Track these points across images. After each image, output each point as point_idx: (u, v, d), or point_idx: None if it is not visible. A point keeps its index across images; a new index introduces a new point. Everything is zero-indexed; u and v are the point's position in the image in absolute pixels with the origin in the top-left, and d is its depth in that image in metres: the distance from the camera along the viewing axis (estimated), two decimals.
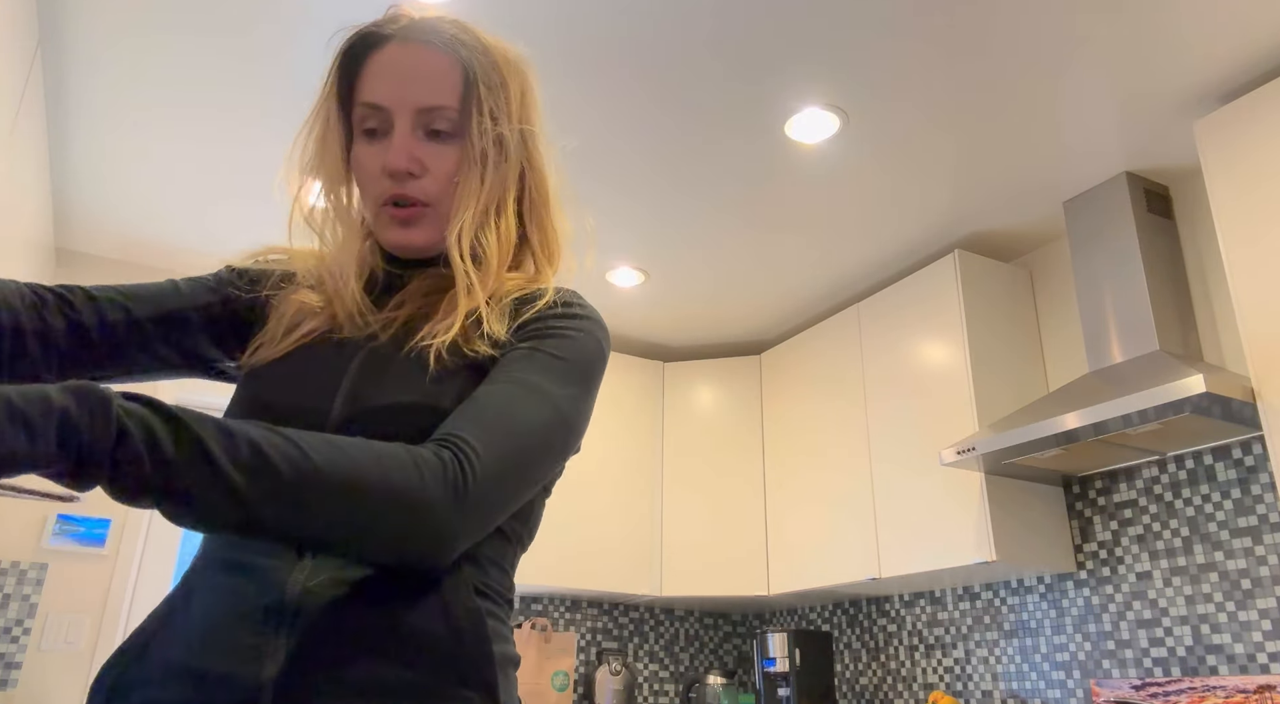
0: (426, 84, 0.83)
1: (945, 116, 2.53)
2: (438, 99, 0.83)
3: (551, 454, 0.76)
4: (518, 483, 0.72)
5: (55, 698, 2.96)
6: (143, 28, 2.26)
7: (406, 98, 0.83)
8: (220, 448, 0.58)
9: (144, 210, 3.12)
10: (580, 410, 0.80)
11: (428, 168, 0.84)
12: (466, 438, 0.69)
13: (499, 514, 0.71)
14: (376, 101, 0.84)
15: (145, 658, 0.69)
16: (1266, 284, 2.17)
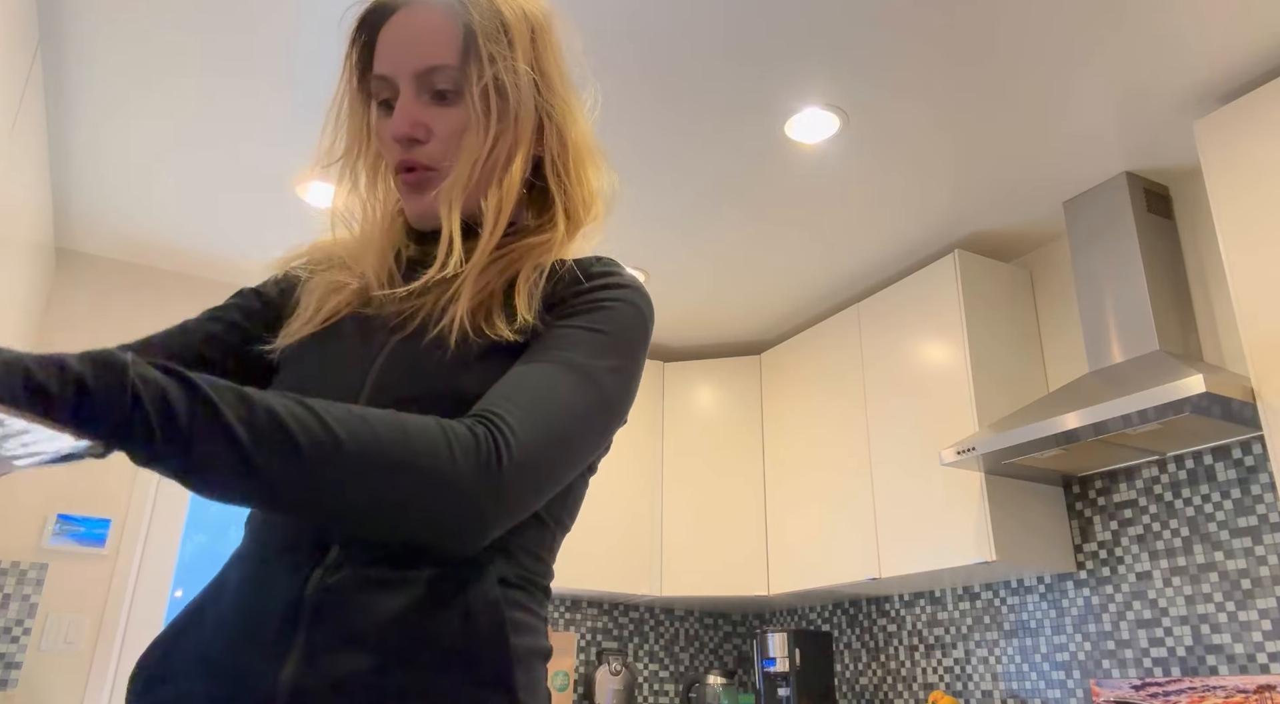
0: (424, 45, 0.81)
1: (945, 116, 2.53)
2: (436, 58, 0.81)
3: (593, 434, 0.73)
4: (557, 464, 0.69)
5: (55, 698, 2.96)
6: (143, 27, 2.26)
7: (405, 62, 0.81)
8: (235, 415, 0.56)
9: (144, 210, 3.11)
10: (624, 386, 0.77)
11: (433, 131, 0.82)
12: (503, 415, 0.66)
13: (536, 497, 0.68)
14: (382, 72, 0.83)
15: (177, 651, 0.70)
16: (1266, 284, 2.17)
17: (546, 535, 0.79)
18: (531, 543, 0.76)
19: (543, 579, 0.79)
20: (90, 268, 3.38)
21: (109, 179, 2.93)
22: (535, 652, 0.73)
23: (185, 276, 3.55)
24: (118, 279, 3.42)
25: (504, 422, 0.66)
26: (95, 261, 3.40)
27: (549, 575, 0.80)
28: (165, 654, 0.70)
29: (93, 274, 3.38)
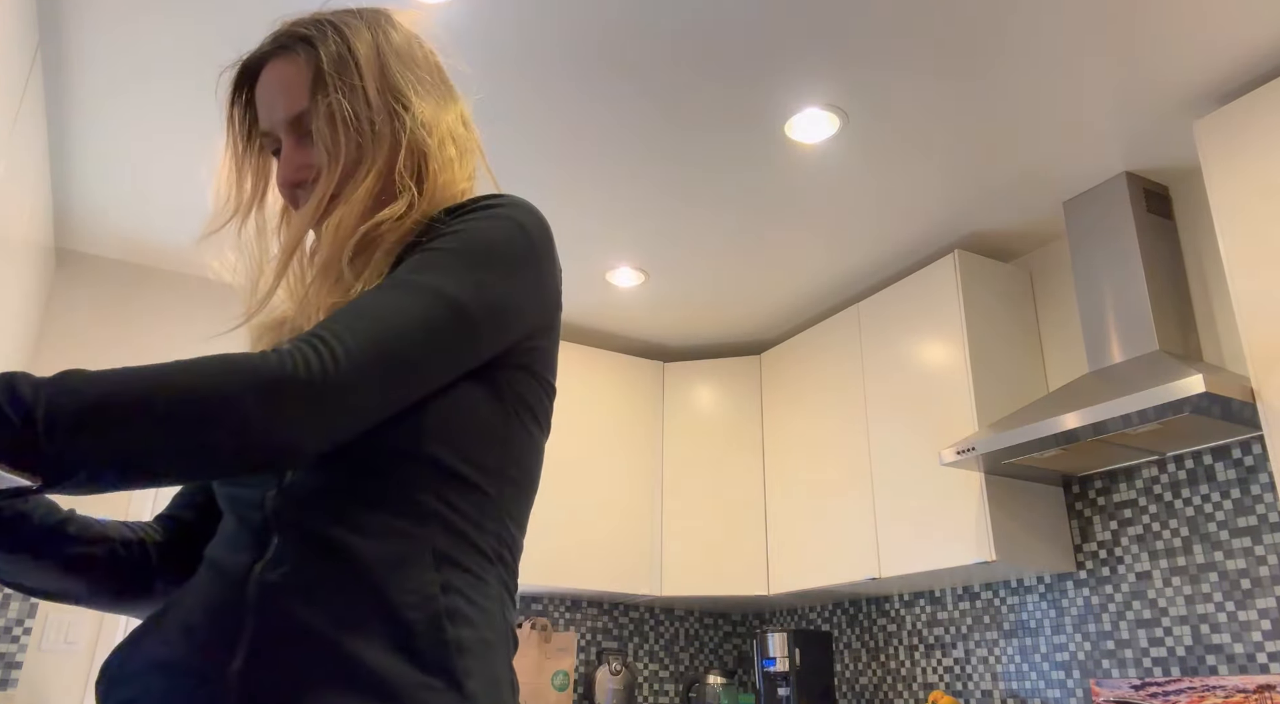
0: (285, 94, 0.86)
1: (945, 116, 2.53)
2: (294, 105, 0.85)
3: (435, 342, 0.70)
4: (387, 371, 0.67)
5: (55, 698, 2.96)
6: (143, 27, 2.26)
7: (275, 117, 0.86)
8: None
9: (144, 210, 3.11)
10: (486, 297, 0.73)
11: (312, 166, 0.86)
12: (321, 332, 0.67)
13: (365, 405, 0.66)
14: (264, 128, 0.88)
15: (136, 652, 0.71)
16: (1266, 284, 2.17)
17: (484, 499, 0.75)
18: (470, 509, 0.74)
19: (499, 548, 0.76)
20: (90, 268, 3.38)
21: (109, 179, 2.93)
22: (485, 640, 0.71)
23: (185, 277, 3.55)
24: (118, 279, 3.42)
25: (321, 340, 0.66)
26: (95, 261, 3.40)
27: (507, 543, 0.77)
28: (127, 656, 0.72)
29: (93, 274, 3.38)
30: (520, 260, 0.77)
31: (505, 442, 0.78)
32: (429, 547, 0.71)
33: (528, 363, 0.81)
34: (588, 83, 2.42)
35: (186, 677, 0.66)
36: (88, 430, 0.57)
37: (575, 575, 3.59)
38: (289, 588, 0.67)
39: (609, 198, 2.98)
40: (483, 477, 0.75)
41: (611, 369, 3.96)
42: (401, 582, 0.68)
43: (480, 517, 0.75)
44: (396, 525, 0.70)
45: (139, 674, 0.69)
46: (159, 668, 0.68)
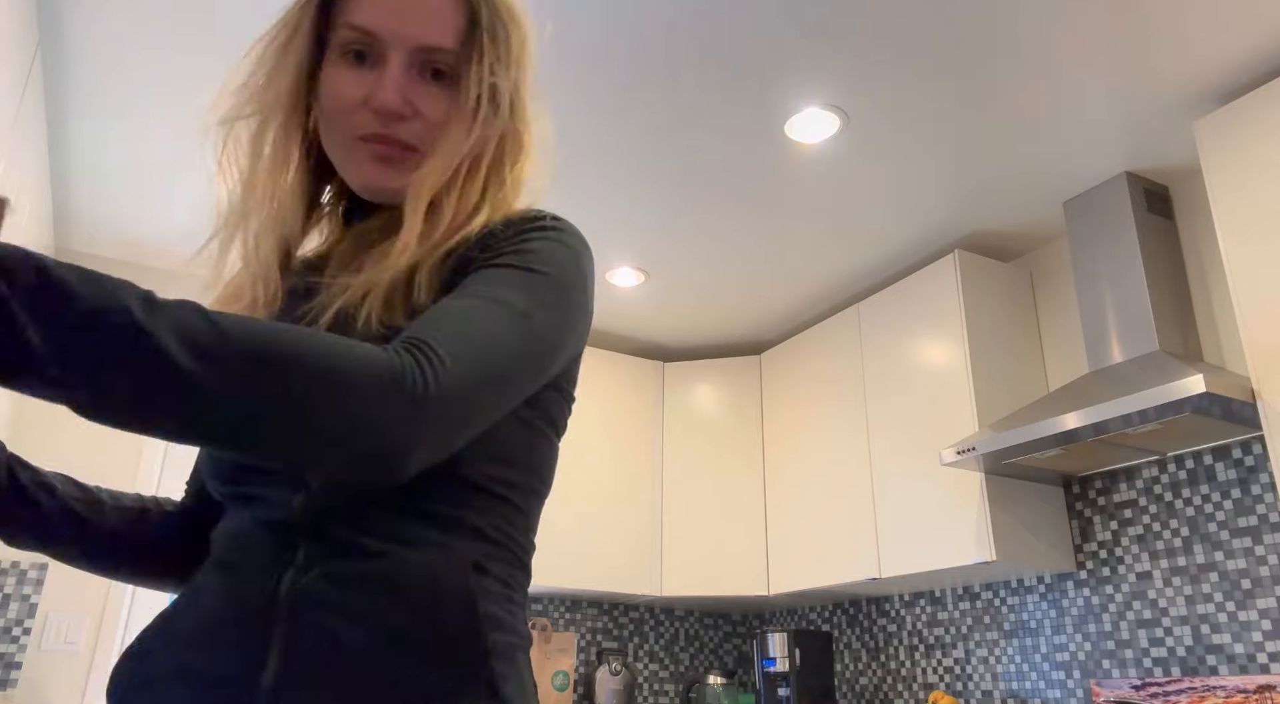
0: (429, 21, 0.77)
1: (945, 116, 2.53)
2: (438, 39, 0.77)
3: (524, 370, 0.68)
4: (488, 397, 0.65)
5: (55, 698, 2.96)
6: (143, 27, 2.26)
7: (405, 31, 0.77)
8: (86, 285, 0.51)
9: (144, 210, 3.11)
10: (555, 324, 0.72)
11: (419, 111, 0.78)
12: (430, 342, 0.62)
13: (465, 427, 0.64)
14: (370, 28, 0.77)
15: (150, 660, 0.69)
16: (1266, 284, 2.17)
17: (512, 509, 0.75)
18: (500, 521, 0.73)
19: (523, 555, 0.76)
20: (90, 268, 3.38)
21: (109, 179, 2.93)
22: (513, 645, 0.71)
23: (185, 276, 3.55)
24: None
25: (431, 350, 0.62)
26: (95, 262, 3.40)
27: (529, 550, 0.77)
28: (141, 663, 0.69)
29: None
30: (577, 289, 0.76)
31: (532, 457, 0.77)
32: (465, 557, 0.69)
33: (560, 382, 0.81)
34: (587, 82, 2.42)
35: (214, 687, 0.63)
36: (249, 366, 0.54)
37: (575, 575, 3.59)
38: (322, 598, 0.65)
39: (609, 197, 2.98)
40: (512, 491, 0.75)
41: (611, 369, 3.96)
42: (439, 591, 0.67)
43: (509, 527, 0.74)
44: (431, 537, 0.69)
45: (158, 682, 0.66)
46: (180, 676, 0.65)
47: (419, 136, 0.78)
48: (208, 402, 0.53)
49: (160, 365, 0.51)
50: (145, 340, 0.51)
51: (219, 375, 0.53)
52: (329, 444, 0.57)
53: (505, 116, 0.81)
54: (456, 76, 0.79)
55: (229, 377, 0.53)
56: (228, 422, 0.54)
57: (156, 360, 0.51)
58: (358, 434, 0.57)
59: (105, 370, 0.50)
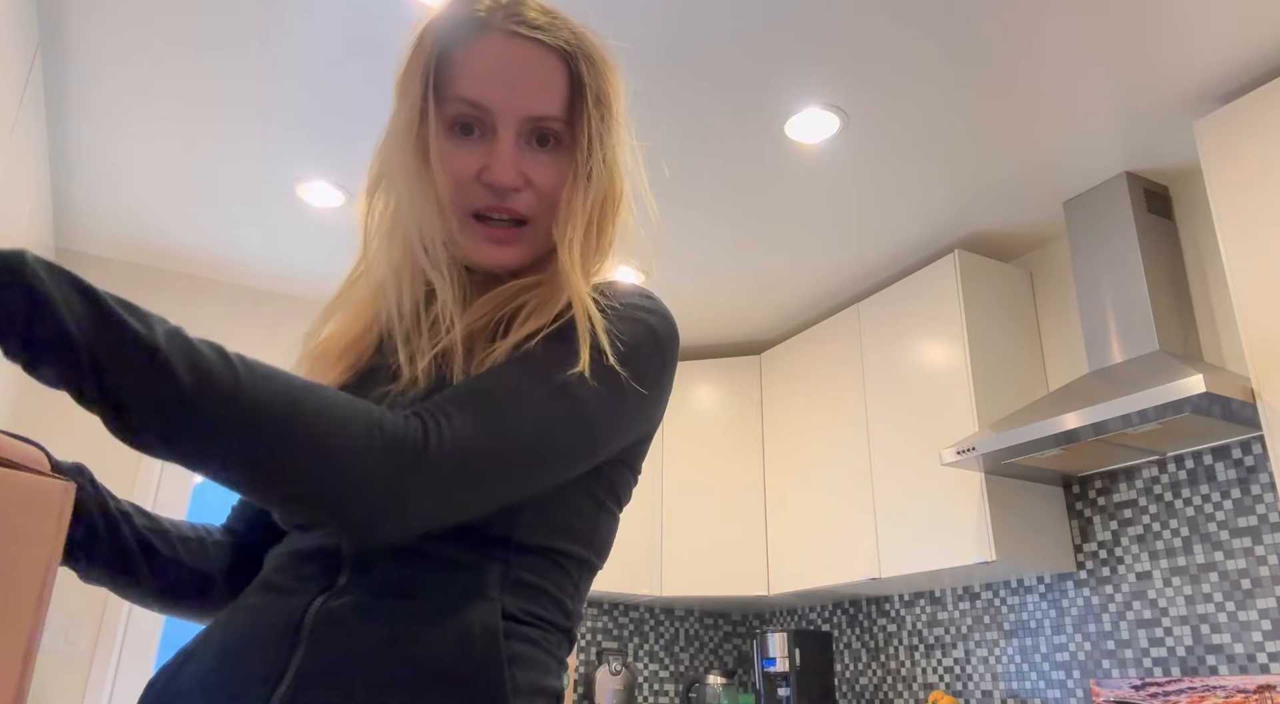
0: (537, 90, 0.77)
1: (945, 116, 2.53)
2: (546, 107, 0.78)
3: (556, 447, 0.67)
4: (497, 467, 0.64)
5: (55, 698, 2.96)
6: (143, 28, 2.26)
7: (515, 103, 0.76)
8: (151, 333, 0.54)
9: (144, 210, 3.12)
10: (614, 406, 0.70)
11: (530, 181, 0.78)
12: (442, 408, 0.63)
13: (469, 500, 0.64)
14: (480, 101, 0.76)
15: (181, 675, 0.69)
16: (1266, 284, 2.17)
17: (564, 576, 0.73)
18: (545, 581, 0.72)
19: (562, 621, 0.74)
20: (90, 268, 3.38)
21: (109, 179, 2.93)
22: (540, 688, 0.68)
23: (185, 276, 3.55)
24: (118, 279, 3.42)
25: (441, 414, 0.63)
26: (95, 261, 3.40)
27: (572, 618, 0.75)
28: (170, 679, 0.70)
29: (93, 274, 3.38)
30: (650, 375, 0.74)
31: (593, 531, 0.77)
32: (497, 598, 0.68)
33: (629, 460, 0.79)
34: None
35: (228, 702, 0.64)
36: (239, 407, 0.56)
37: None
38: (346, 619, 0.65)
39: None
40: (566, 561, 0.74)
41: None
42: (463, 616, 0.66)
43: (558, 593, 0.73)
44: (471, 589, 0.68)
45: (183, 695, 0.67)
46: (202, 689, 0.66)
47: (531, 206, 0.78)
48: (200, 429, 0.56)
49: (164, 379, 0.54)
50: (158, 355, 0.54)
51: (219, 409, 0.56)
52: (315, 493, 0.58)
53: (613, 175, 0.84)
54: (564, 142, 0.80)
55: (228, 411, 0.56)
56: (215, 455, 0.57)
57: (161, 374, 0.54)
58: (345, 488, 0.58)
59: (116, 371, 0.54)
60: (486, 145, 0.77)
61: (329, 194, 2.96)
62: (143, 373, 0.54)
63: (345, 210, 3.06)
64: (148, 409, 0.54)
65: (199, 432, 0.56)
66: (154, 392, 0.54)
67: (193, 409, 0.55)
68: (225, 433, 0.56)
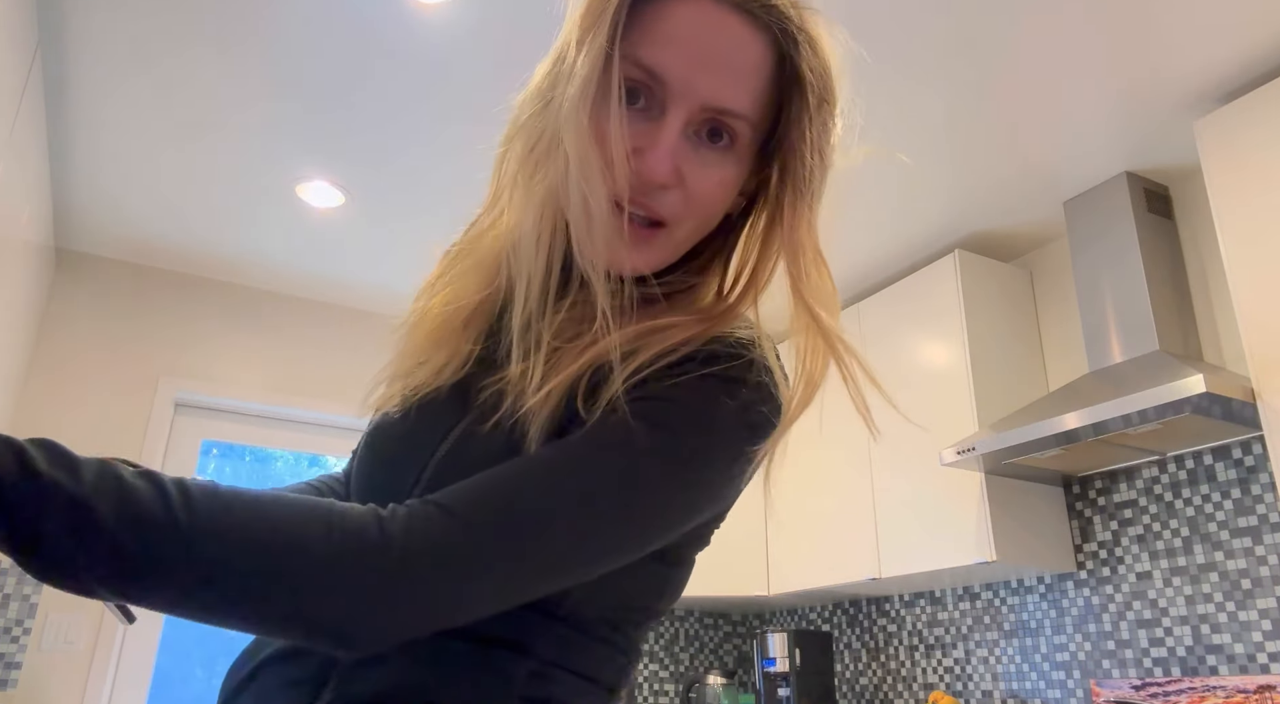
0: (728, 76, 0.63)
1: (945, 116, 2.52)
2: (733, 101, 0.64)
3: (597, 533, 0.57)
4: (503, 561, 0.55)
5: (55, 698, 2.96)
6: (144, 27, 2.26)
7: (699, 85, 0.63)
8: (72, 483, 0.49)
9: (144, 210, 3.11)
10: (676, 481, 0.60)
11: (684, 179, 0.65)
12: (441, 497, 0.55)
13: (463, 602, 0.55)
14: (659, 71, 0.63)
15: (237, 671, 0.67)
16: (1266, 284, 2.16)
17: (595, 652, 0.64)
18: (573, 661, 0.63)
19: (606, 687, 0.65)
20: (90, 268, 3.38)
21: (109, 179, 2.93)
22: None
23: (185, 276, 3.55)
24: (118, 279, 3.42)
25: (435, 503, 0.55)
26: (95, 261, 3.40)
27: (620, 679, 0.67)
28: (230, 677, 0.68)
29: (93, 274, 3.38)
30: (718, 460, 0.64)
31: (660, 598, 0.70)
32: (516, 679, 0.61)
33: (704, 533, 0.71)
34: None
35: None
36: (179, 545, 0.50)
37: None
38: (381, 653, 0.59)
39: None
40: (614, 632, 0.66)
41: None
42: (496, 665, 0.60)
43: (585, 668, 0.65)
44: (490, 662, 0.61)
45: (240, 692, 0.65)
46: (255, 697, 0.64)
47: (674, 209, 0.66)
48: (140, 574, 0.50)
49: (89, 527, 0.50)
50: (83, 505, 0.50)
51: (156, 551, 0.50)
52: (283, 618, 0.52)
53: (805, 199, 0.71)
54: (739, 141, 0.66)
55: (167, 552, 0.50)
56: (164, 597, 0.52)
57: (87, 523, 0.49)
58: (311, 606, 0.52)
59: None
60: (649, 125, 0.64)
61: (329, 194, 2.96)
62: (67, 522, 0.49)
63: (345, 210, 3.06)
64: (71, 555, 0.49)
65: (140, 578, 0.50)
66: (80, 540, 0.49)
67: (123, 554, 0.49)
68: (169, 574, 0.50)
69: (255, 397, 3.51)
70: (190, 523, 0.50)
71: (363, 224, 3.15)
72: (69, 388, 3.20)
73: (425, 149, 2.71)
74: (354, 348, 3.71)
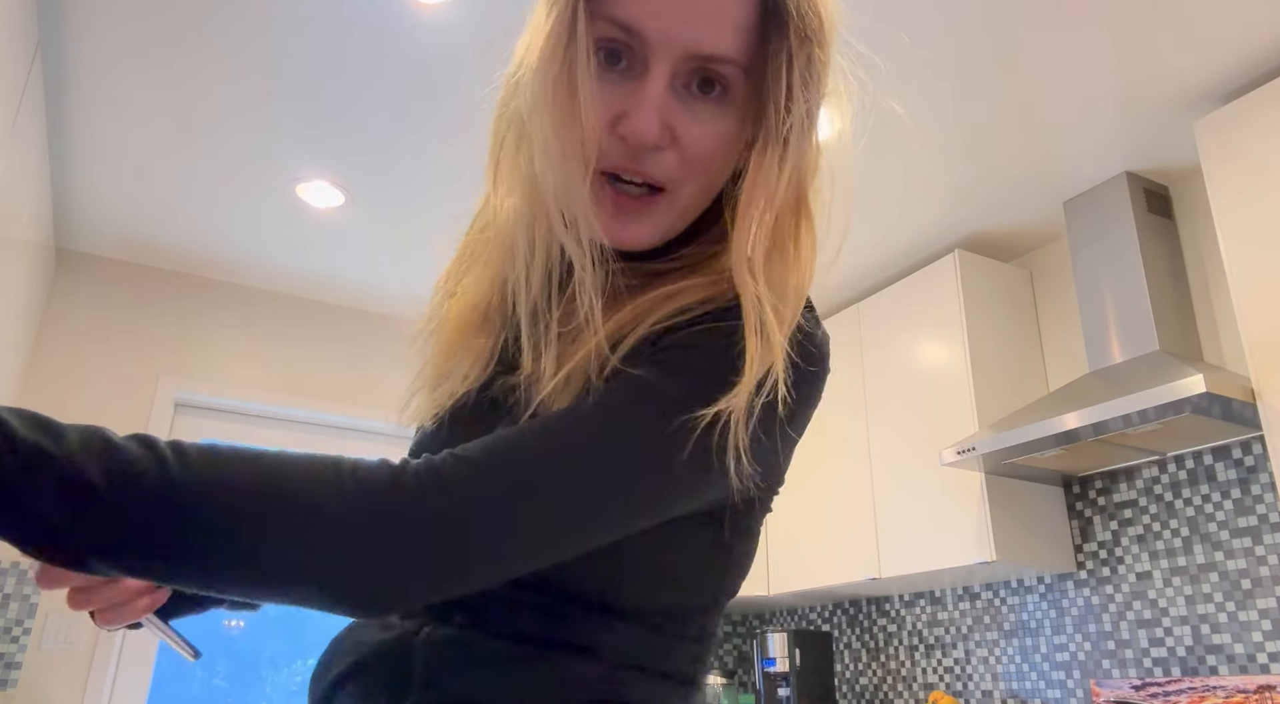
0: (709, 19, 0.59)
1: (945, 116, 2.52)
2: (716, 45, 0.60)
3: (613, 490, 0.54)
4: (534, 518, 0.52)
5: (55, 698, 2.96)
6: (144, 27, 2.26)
7: (676, 31, 0.59)
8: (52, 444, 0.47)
9: (144, 210, 3.11)
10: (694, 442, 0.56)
11: (677, 138, 0.61)
12: (464, 450, 0.53)
13: (483, 558, 0.52)
14: (634, 24, 0.59)
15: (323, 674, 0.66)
16: (1266, 284, 2.16)
17: (671, 645, 0.62)
18: (648, 660, 0.61)
19: (684, 675, 0.63)
20: (90, 268, 3.38)
21: (109, 179, 2.93)
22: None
23: (185, 276, 3.55)
24: (118, 279, 3.42)
25: (456, 456, 0.52)
26: (95, 261, 3.40)
27: (699, 664, 0.64)
28: (316, 680, 0.67)
29: (93, 274, 3.38)
30: (795, 421, 0.60)
31: (724, 576, 0.65)
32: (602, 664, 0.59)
33: (762, 501, 0.67)
34: None
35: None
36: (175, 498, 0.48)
37: None
38: (455, 658, 0.59)
39: None
40: (689, 617, 0.64)
41: None
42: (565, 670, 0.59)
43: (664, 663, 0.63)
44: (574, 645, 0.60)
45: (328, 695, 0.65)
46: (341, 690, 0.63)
47: (670, 171, 0.62)
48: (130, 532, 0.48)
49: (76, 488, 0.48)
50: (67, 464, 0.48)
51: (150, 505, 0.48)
52: (292, 569, 0.49)
53: (815, 145, 0.64)
54: (733, 89, 0.63)
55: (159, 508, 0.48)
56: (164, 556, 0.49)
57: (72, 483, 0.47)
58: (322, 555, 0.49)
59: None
60: (633, 84, 0.60)
61: (329, 194, 2.96)
62: (55, 487, 0.46)
63: (345, 210, 3.06)
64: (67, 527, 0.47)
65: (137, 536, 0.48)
66: (72, 505, 0.47)
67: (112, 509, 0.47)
68: (162, 531, 0.48)
69: (255, 396, 3.51)
70: (187, 477, 0.48)
71: (363, 224, 3.15)
72: (69, 388, 3.20)
73: (425, 149, 2.71)
74: (354, 348, 3.71)
